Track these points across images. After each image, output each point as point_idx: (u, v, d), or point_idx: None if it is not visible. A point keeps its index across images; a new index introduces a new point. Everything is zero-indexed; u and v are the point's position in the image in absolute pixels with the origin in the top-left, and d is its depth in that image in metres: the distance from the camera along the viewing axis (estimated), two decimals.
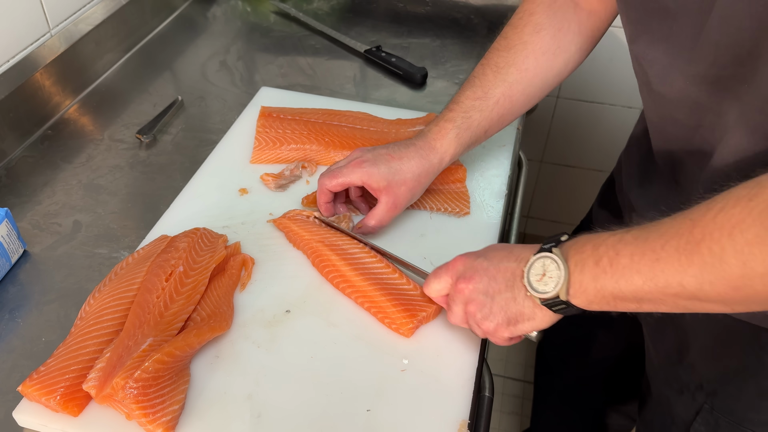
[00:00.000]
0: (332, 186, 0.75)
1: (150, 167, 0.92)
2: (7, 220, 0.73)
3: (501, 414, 1.70)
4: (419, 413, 0.61)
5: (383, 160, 0.74)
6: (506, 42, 0.78)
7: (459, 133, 0.76)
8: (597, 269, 0.53)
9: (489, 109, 0.77)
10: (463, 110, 0.76)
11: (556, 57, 0.77)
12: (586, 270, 0.54)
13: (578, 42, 0.78)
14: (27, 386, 0.58)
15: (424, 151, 0.75)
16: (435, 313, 0.69)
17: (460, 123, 0.76)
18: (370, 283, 0.70)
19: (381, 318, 0.68)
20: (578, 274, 0.54)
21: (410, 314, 0.67)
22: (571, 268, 0.55)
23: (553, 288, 0.55)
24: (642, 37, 0.64)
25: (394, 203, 0.75)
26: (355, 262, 0.72)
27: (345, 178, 0.74)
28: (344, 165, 0.75)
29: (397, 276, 0.71)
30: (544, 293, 0.56)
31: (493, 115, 0.77)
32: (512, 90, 0.77)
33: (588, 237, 0.56)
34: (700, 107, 0.62)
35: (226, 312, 0.67)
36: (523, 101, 0.79)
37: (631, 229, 0.53)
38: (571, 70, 0.80)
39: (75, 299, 0.72)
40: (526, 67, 0.77)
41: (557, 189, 1.86)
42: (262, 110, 0.94)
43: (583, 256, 0.54)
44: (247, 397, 0.61)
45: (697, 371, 0.77)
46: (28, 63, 0.96)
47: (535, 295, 0.57)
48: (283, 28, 1.27)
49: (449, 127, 0.76)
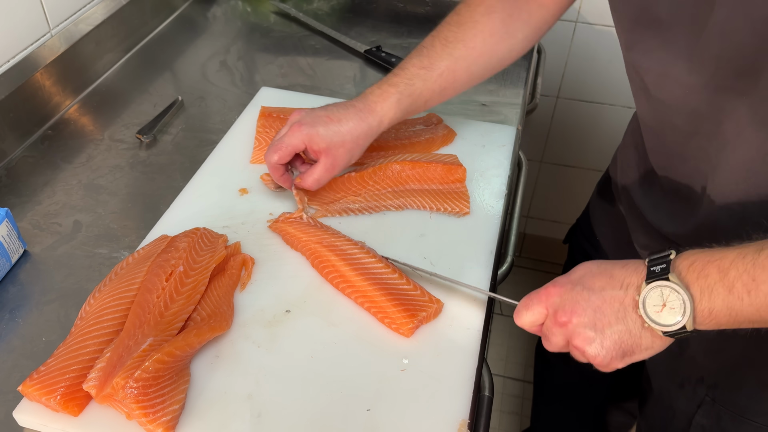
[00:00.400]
0: (280, 158, 0.76)
1: (150, 167, 0.92)
2: (7, 220, 0.73)
3: (501, 414, 1.70)
4: (419, 413, 0.61)
5: (322, 122, 0.75)
6: (458, 18, 0.79)
7: (400, 98, 0.77)
8: (731, 297, 0.50)
9: (432, 80, 0.78)
10: (407, 77, 0.78)
11: (502, 41, 0.79)
12: (717, 298, 0.51)
13: (525, 31, 0.80)
14: (27, 386, 0.58)
15: (363, 113, 0.76)
16: (435, 313, 0.69)
17: (402, 89, 0.77)
18: (369, 283, 0.70)
19: (381, 318, 0.68)
20: (707, 302, 0.51)
21: (410, 314, 0.67)
22: (696, 296, 0.51)
23: (678, 320, 0.52)
24: (637, 46, 0.65)
25: (332, 164, 0.76)
26: (355, 263, 0.72)
27: (288, 146, 0.75)
28: (285, 133, 0.76)
29: (397, 276, 0.71)
30: (668, 326, 0.52)
31: (435, 86, 0.78)
32: (457, 65, 0.78)
33: (705, 256, 0.52)
34: (698, 115, 0.63)
35: (226, 312, 0.67)
36: (466, 78, 0.80)
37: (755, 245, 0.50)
38: (514, 57, 0.82)
39: (75, 299, 0.72)
40: (473, 45, 0.78)
41: (557, 189, 1.86)
42: (262, 110, 0.94)
43: (708, 282, 0.51)
44: (247, 397, 0.61)
45: (697, 364, 0.77)
46: (28, 63, 0.96)
47: (656, 327, 0.53)
48: (283, 29, 1.27)
49: (392, 91, 0.77)
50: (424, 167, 0.85)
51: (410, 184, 0.85)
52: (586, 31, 1.58)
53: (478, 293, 0.71)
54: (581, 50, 1.62)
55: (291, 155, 0.77)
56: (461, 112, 1.03)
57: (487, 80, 1.10)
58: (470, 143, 0.94)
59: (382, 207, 0.82)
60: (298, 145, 0.75)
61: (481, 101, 1.06)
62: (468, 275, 0.74)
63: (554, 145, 1.76)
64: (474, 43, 0.78)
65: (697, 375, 0.78)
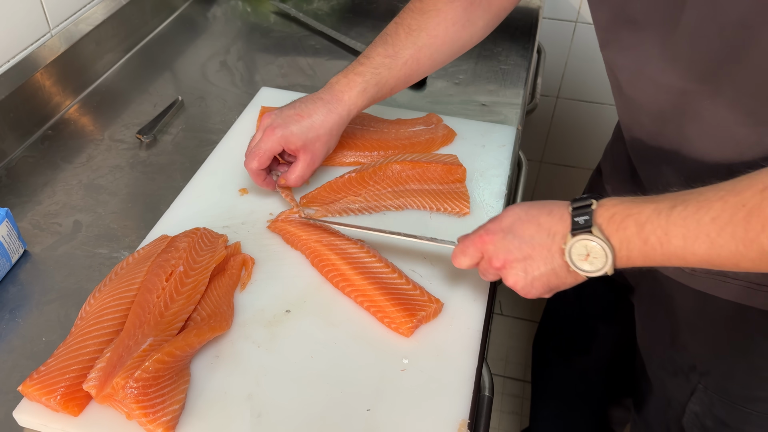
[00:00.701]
0: (259, 164, 0.77)
1: (150, 167, 0.92)
2: (7, 220, 0.73)
3: (501, 414, 1.70)
4: (419, 413, 0.61)
5: (293, 120, 0.77)
6: (421, 5, 0.81)
7: (366, 87, 0.78)
8: (646, 247, 0.54)
9: (397, 68, 0.79)
10: (373, 66, 0.79)
11: (464, 29, 0.81)
12: (633, 248, 0.55)
13: (486, 18, 0.81)
14: (27, 386, 0.58)
15: (332, 105, 0.78)
16: (435, 313, 0.69)
17: (368, 78, 0.78)
18: (369, 282, 0.70)
19: (381, 318, 0.68)
20: (625, 251, 0.56)
21: (409, 314, 0.67)
22: (616, 246, 0.56)
23: (600, 267, 0.57)
24: (612, 44, 0.67)
25: (312, 159, 0.78)
26: (354, 262, 0.72)
27: (265, 152, 0.77)
28: (259, 138, 0.78)
29: (397, 276, 0.71)
30: (591, 271, 0.57)
31: (400, 74, 0.80)
32: (420, 53, 0.80)
33: (624, 207, 0.56)
34: (664, 116, 0.65)
35: (226, 312, 0.67)
36: (429, 65, 0.82)
37: (669, 199, 0.54)
38: (475, 43, 0.84)
39: (75, 299, 0.72)
40: (436, 34, 0.80)
41: (557, 189, 1.86)
42: (262, 110, 0.94)
43: (627, 234, 0.55)
44: (247, 397, 0.61)
45: (689, 352, 0.78)
46: (28, 63, 0.96)
47: (580, 272, 0.58)
48: (283, 29, 1.27)
49: (358, 80, 0.78)
50: (424, 167, 0.85)
51: (410, 184, 0.85)
52: (586, 31, 1.58)
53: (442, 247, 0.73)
54: (581, 50, 1.62)
55: (270, 159, 0.78)
56: (461, 112, 1.03)
57: (487, 80, 1.11)
58: (470, 143, 0.94)
59: (382, 207, 0.82)
60: (275, 148, 0.77)
61: (481, 101, 1.06)
62: (468, 275, 0.74)
63: (554, 145, 1.76)
64: (437, 31, 0.79)
65: (689, 363, 0.78)
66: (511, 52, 1.19)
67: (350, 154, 0.89)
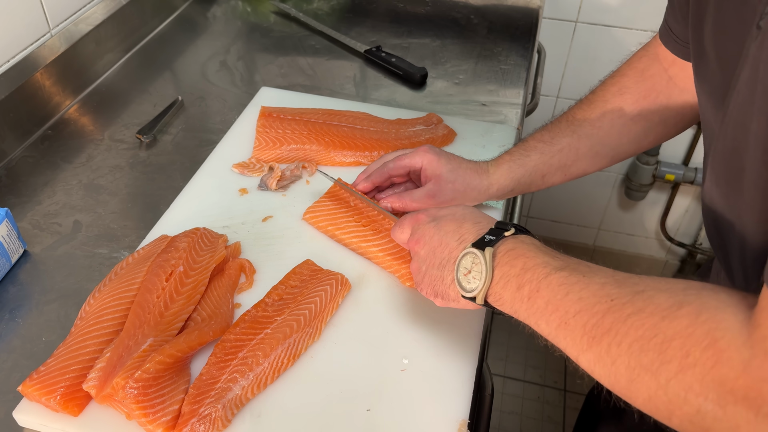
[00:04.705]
0: (395, 167, 0.77)
1: (150, 167, 0.92)
2: (7, 220, 0.73)
3: (501, 414, 1.70)
4: (419, 413, 0.61)
5: (446, 155, 0.76)
6: (590, 97, 0.78)
7: (512, 167, 0.76)
8: (517, 294, 0.52)
9: (550, 154, 0.76)
10: (524, 149, 0.77)
11: (634, 123, 0.76)
12: (508, 289, 0.53)
13: (663, 114, 0.76)
14: (27, 386, 0.58)
15: (480, 171, 0.76)
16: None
17: (516, 158, 0.77)
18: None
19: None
20: (500, 288, 0.53)
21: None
22: (495, 278, 0.54)
23: (474, 288, 0.55)
24: (696, 72, 0.63)
25: (435, 192, 0.75)
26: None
27: (410, 161, 0.76)
28: (411, 152, 0.77)
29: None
30: (465, 290, 0.56)
31: (553, 161, 0.77)
32: (580, 143, 0.76)
33: (526, 249, 0.54)
34: None
35: (226, 312, 0.67)
36: (591, 157, 0.78)
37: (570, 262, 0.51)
38: (651, 141, 0.78)
39: (75, 299, 0.72)
40: (600, 125, 0.76)
41: (557, 189, 1.86)
42: (262, 110, 0.94)
43: (510, 272, 0.53)
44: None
45: None
46: (28, 63, 0.96)
47: (458, 287, 0.57)
48: (283, 28, 1.27)
49: (506, 158, 0.77)
50: None
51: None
52: (586, 31, 1.58)
53: None
54: (581, 50, 1.62)
55: (406, 170, 0.77)
56: (461, 112, 1.03)
57: (487, 80, 1.11)
58: (470, 143, 0.94)
59: None
60: (417, 163, 0.76)
61: (481, 101, 1.06)
62: None
63: None
64: (601, 122, 0.76)
65: None
66: (511, 52, 1.19)
67: (350, 154, 0.89)
